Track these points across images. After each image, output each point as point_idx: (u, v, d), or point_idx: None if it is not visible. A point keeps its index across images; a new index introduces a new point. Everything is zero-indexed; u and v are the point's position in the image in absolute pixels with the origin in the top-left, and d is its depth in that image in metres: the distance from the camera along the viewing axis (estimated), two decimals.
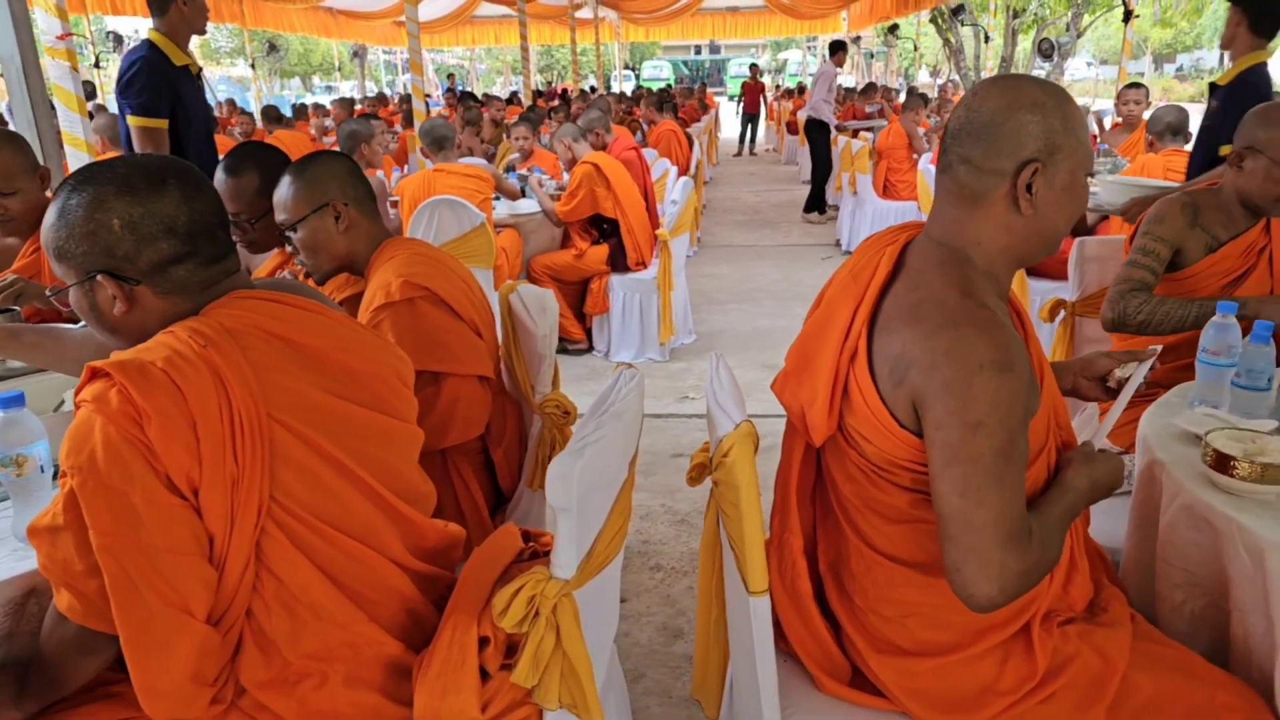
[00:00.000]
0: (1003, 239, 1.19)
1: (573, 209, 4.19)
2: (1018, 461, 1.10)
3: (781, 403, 1.35)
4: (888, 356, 1.16)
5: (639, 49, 33.73)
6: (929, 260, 1.21)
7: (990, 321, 1.11)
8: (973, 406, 1.07)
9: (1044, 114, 1.15)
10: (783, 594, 1.37)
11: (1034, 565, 1.11)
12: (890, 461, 1.20)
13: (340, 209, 1.79)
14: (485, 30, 18.01)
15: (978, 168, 1.17)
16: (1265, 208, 2.03)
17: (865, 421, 1.20)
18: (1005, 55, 13.63)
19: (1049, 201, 1.17)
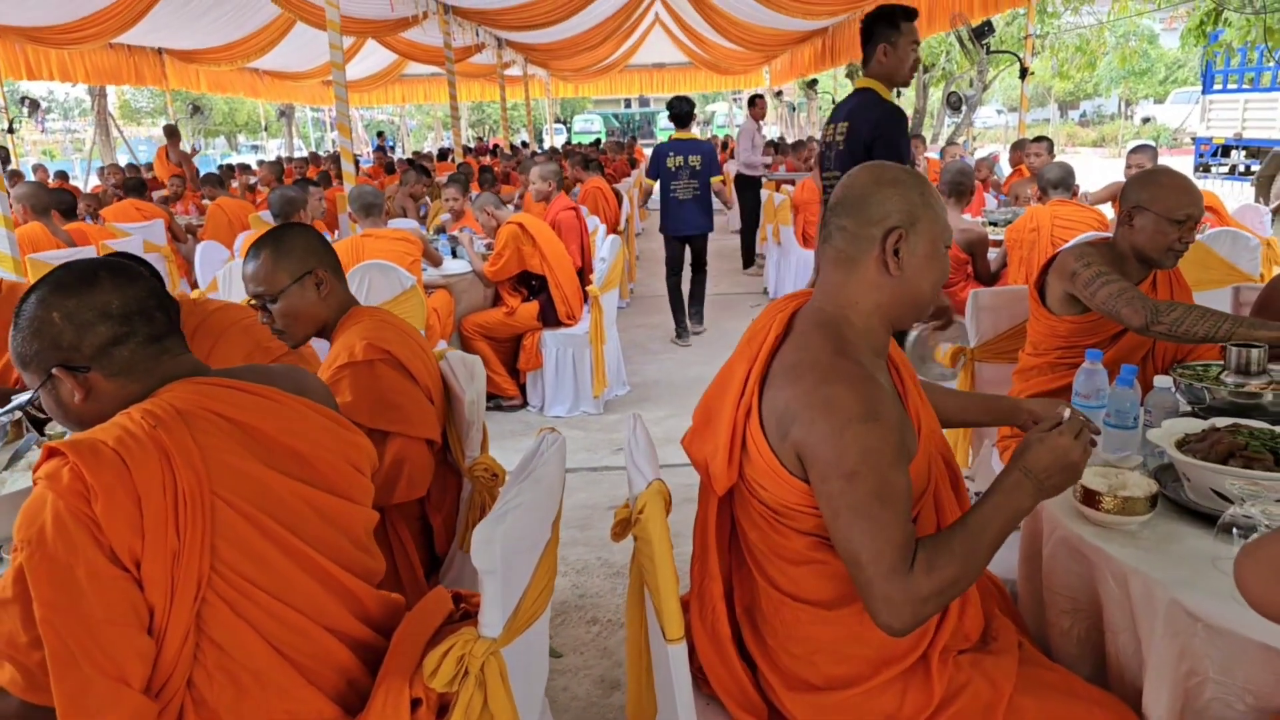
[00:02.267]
0: (875, 299, 1.35)
1: (500, 268, 4.29)
2: (894, 500, 1.22)
3: (689, 456, 1.47)
4: (774, 411, 1.30)
5: (570, 103, 34.35)
6: (811, 323, 1.37)
7: (859, 377, 1.26)
8: (846, 457, 1.21)
9: (905, 190, 1.34)
10: (704, 638, 1.46)
11: (936, 587, 1.19)
12: (786, 507, 1.32)
13: (322, 276, 1.89)
14: (415, 88, 18.15)
15: (852, 235, 1.35)
16: (1157, 259, 2.19)
17: (761, 472, 1.32)
18: (919, 107, 14.32)
19: (913, 266, 1.34)
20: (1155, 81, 27.58)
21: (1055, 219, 4.04)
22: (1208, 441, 1.56)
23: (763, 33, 12.42)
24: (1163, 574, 1.34)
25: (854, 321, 1.36)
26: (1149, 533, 1.48)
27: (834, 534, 1.24)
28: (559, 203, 4.81)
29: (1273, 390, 1.75)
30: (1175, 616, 1.30)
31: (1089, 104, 34.50)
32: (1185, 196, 2.12)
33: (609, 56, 14.99)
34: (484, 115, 33.75)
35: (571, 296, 4.40)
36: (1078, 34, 14.34)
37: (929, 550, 1.22)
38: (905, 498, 1.24)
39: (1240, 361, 1.82)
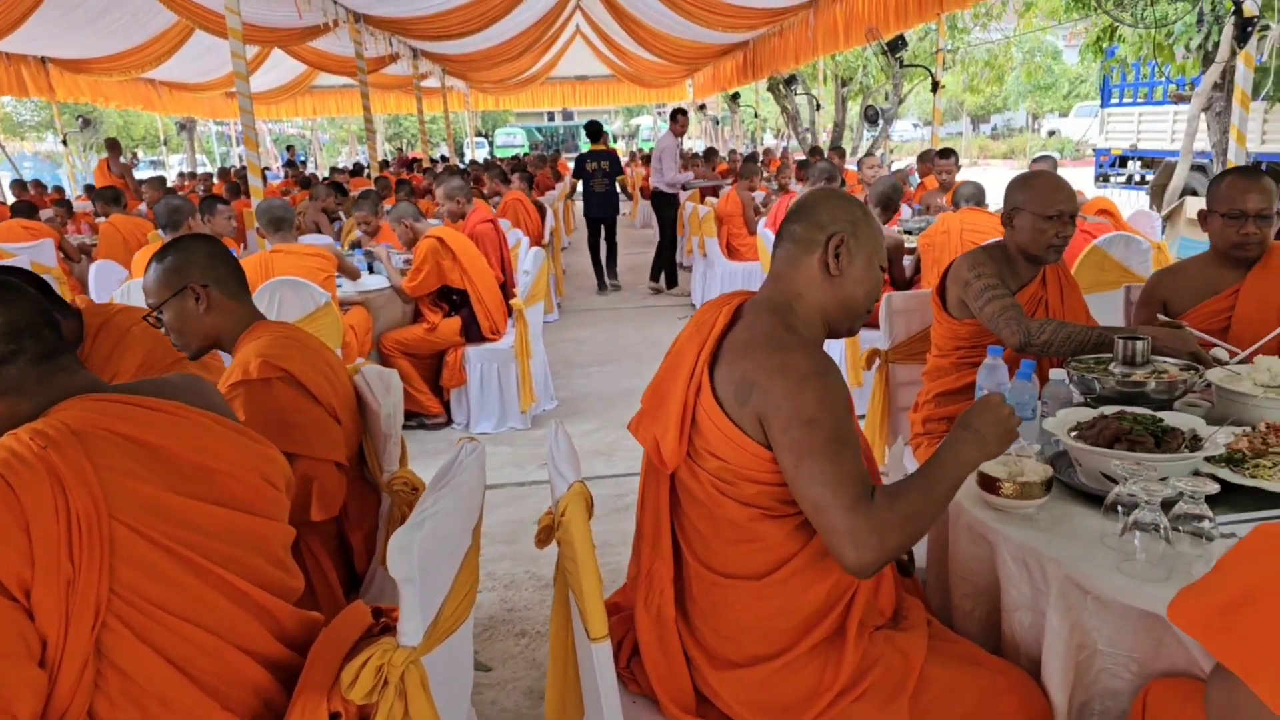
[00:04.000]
0: (816, 296, 1.52)
1: (419, 283, 4.23)
2: (850, 443, 1.34)
3: (637, 439, 1.54)
4: (731, 382, 1.40)
5: (492, 116, 34.14)
6: (760, 309, 1.50)
7: (810, 344, 1.44)
8: (806, 406, 1.33)
9: (849, 206, 1.55)
10: (647, 621, 1.51)
11: (899, 516, 1.28)
12: (736, 474, 1.40)
13: (199, 291, 1.84)
14: (326, 100, 17.67)
15: (800, 236, 1.53)
16: (1041, 255, 2.32)
17: (715, 440, 1.41)
18: (838, 120, 14.73)
19: (851, 272, 1.51)
20: (1060, 96, 29.00)
21: (965, 225, 4.22)
22: (1096, 428, 1.66)
23: (684, 45, 12.62)
24: (1056, 552, 1.42)
25: (798, 312, 1.51)
26: (1045, 515, 1.57)
27: (796, 483, 1.32)
28: (476, 215, 4.78)
29: (1154, 379, 1.87)
30: (1068, 591, 1.39)
31: (999, 118, 36.03)
32: (1057, 194, 2.26)
33: (530, 68, 14.98)
34: (401, 128, 33.23)
35: (495, 311, 4.37)
36: (986, 49, 14.97)
37: (889, 488, 1.34)
38: (857, 443, 1.37)
39: (1127, 353, 1.94)
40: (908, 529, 1.30)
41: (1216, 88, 7.99)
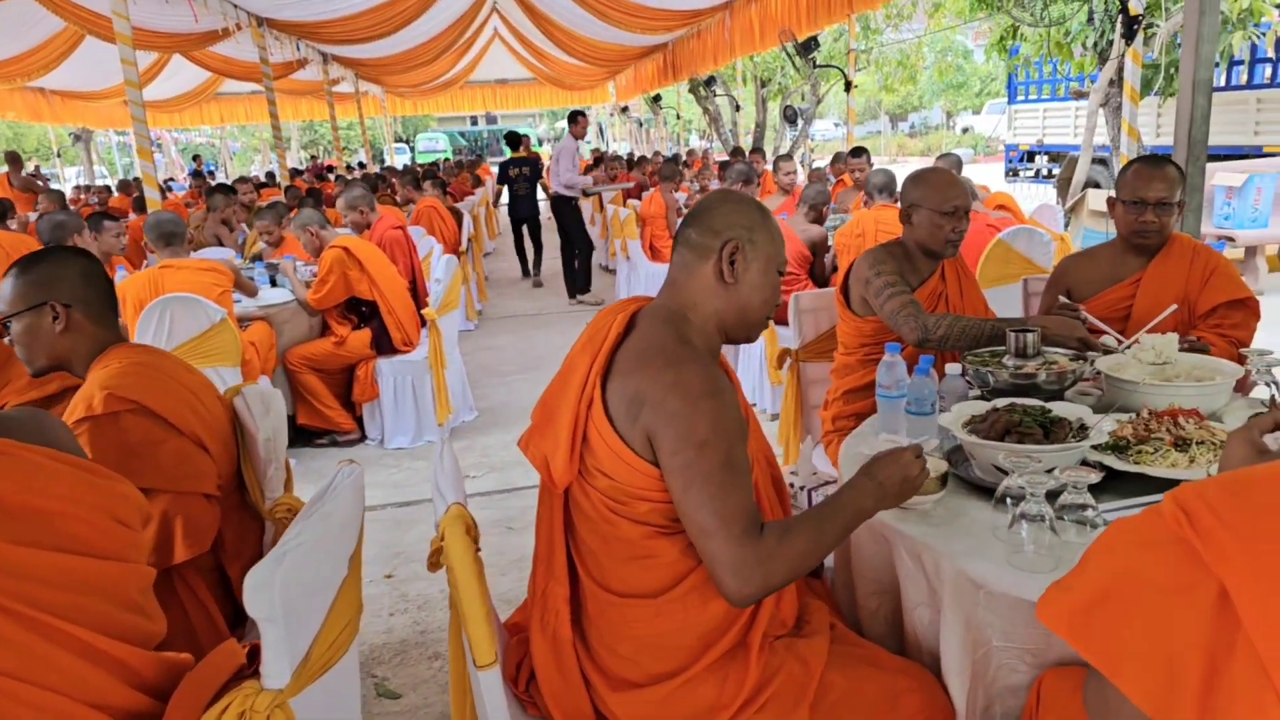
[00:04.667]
0: (712, 304, 1.47)
1: (325, 295, 4.07)
2: (741, 470, 1.31)
3: (527, 457, 1.47)
4: (623, 397, 1.35)
5: (413, 121, 33.52)
6: (655, 319, 1.45)
7: (703, 359, 1.38)
8: (698, 428, 1.29)
9: (747, 210, 1.49)
10: (544, 645, 1.45)
11: (786, 553, 1.26)
12: (627, 493, 1.35)
13: (59, 310, 1.72)
14: (234, 107, 16.97)
15: (696, 242, 1.47)
16: (939, 250, 2.35)
17: (605, 459, 1.35)
18: (759, 121, 14.88)
19: (747, 280, 1.47)
20: (972, 94, 29.94)
21: (878, 223, 4.27)
22: (988, 421, 1.67)
23: (603, 48, 12.58)
24: (949, 547, 1.42)
25: (693, 321, 1.46)
26: (941, 510, 1.56)
27: (684, 506, 1.30)
28: (384, 221, 4.64)
29: (1045, 370, 1.89)
30: (961, 585, 1.38)
31: (916, 116, 37.04)
32: (951, 190, 2.29)
33: (447, 72, 14.74)
34: (317, 135, 32.32)
35: (407, 322, 4.24)
36: (899, 49, 15.34)
37: (781, 523, 1.31)
38: (748, 470, 1.34)
39: (1018, 346, 1.96)
40: (793, 567, 1.28)
41: (1112, 84, 8.32)
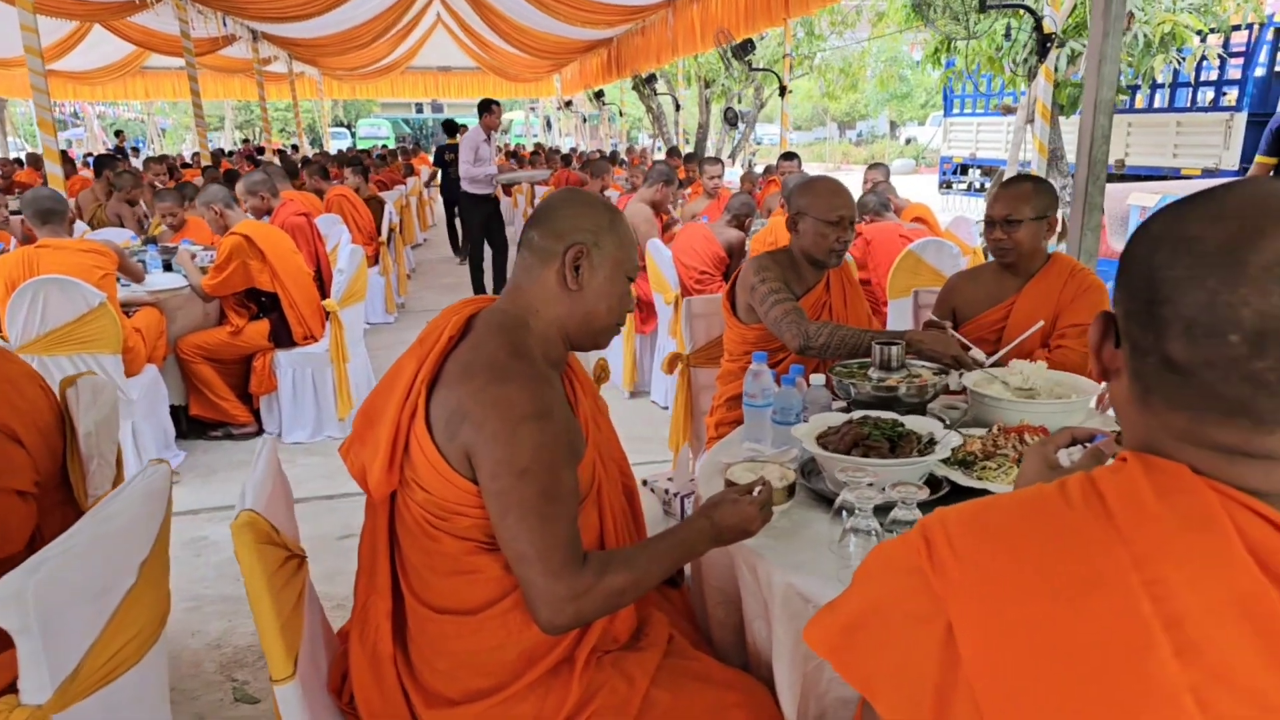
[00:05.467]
0: (555, 310, 1.40)
1: (221, 282, 3.90)
2: (562, 498, 1.26)
3: (346, 465, 1.40)
4: (444, 410, 1.28)
5: (355, 106, 32.77)
6: (491, 325, 1.37)
7: (534, 376, 1.30)
8: (519, 454, 1.22)
9: (593, 213, 1.41)
10: (363, 658, 1.39)
11: (603, 589, 1.23)
12: (445, 508, 1.30)
13: None
14: (161, 82, 16.22)
15: (538, 246, 1.40)
16: (824, 259, 2.34)
17: (424, 471, 1.29)
18: (701, 122, 14.92)
19: (593, 286, 1.40)
20: (917, 105, 30.52)
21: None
22: (840, 433, 1.65)
23: (546, 39, 12.44)
24: (784, 559, 1.40)
25: (533, 328, 1.39)
26: (785, 521, 1.55)
27: (501, 533, 1.25)
28: (288, 207, 4.48)
29: (906, 384, 1.90)
30: (790, 599, 1.36)
31: (864, 125, 37.59)
32: (837, 199, 2.28)
33: (386, 56, 14.41)
34: (253, 115, 31.36)
35: (309, 315, 4.09)
36: (841, 57, 15.52)
37: (605, 557, 1.27)
38: (573, 497, 1.29)
39: (883, 358, 1.96)
40: (608, 603, 1.26)
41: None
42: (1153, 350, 0.70)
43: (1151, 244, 0.71)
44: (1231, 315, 0.64)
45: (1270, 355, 0.64)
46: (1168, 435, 0.72)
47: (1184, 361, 0.68)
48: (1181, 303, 0.67)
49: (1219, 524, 0.65)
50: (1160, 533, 0.66)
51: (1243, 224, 0.65)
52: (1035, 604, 0.67)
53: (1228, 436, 0.68)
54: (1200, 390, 0.68)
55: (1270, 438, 0.67)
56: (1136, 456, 0.72)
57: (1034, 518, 0.72)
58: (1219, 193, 0.70)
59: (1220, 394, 0.67)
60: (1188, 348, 0.67)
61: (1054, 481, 0.76)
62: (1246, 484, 0.68)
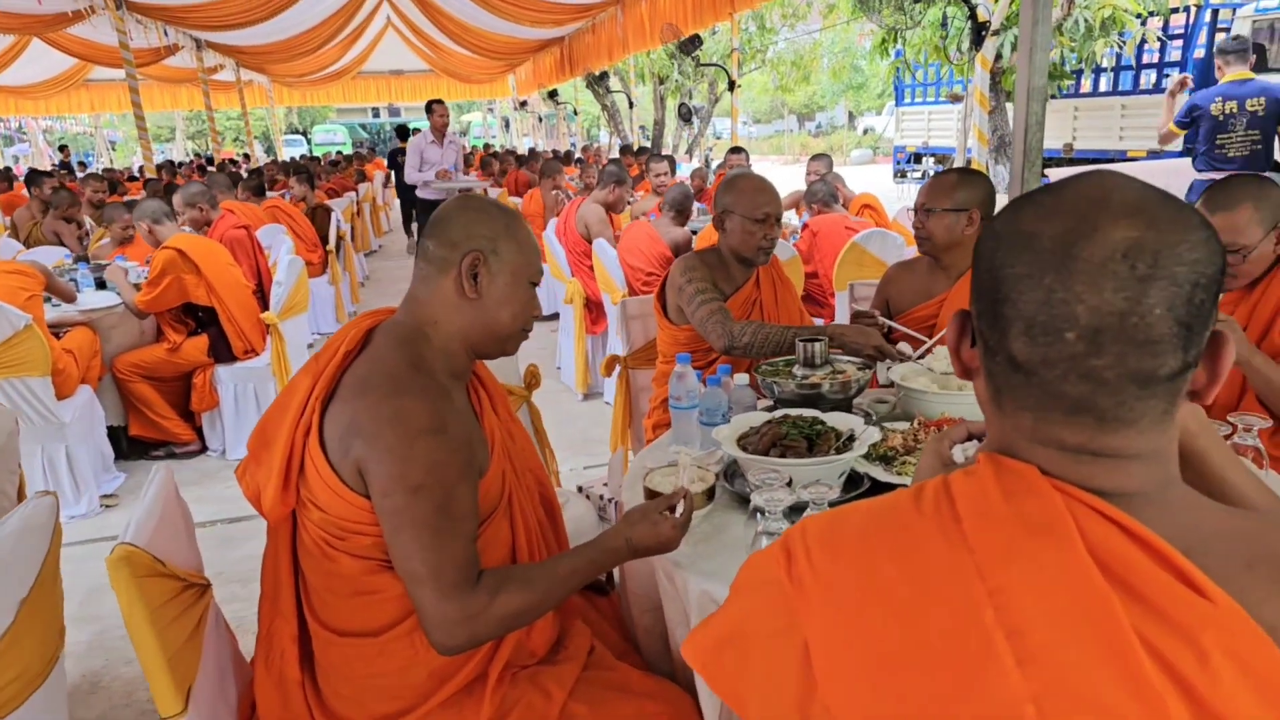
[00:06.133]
0: (455, 321, 1.35)
1: (155, 298, 3.80)
2: (458, 516, 1.22)
3: (241, 488, 1.36)
4: (338, 425, 1.24)
5: (311, 113, 32.28)
6: (390, 337, 1.34)
7: (431, 390, 1.26)
8: (412, 471, 1.18)
9: (489, 219, 1.37)
10: (269, 684, 1.36)
11: (498, 612, 1.20)
12: (343, 528, 1.26)
13: None
14: (106, 95, 15.88)
15: (434, 255, 1.36)
16: (751, 257, 2.34)
17: (319, 490, 1.25)
18: (657, 119, 14.89)
19: (492, 294, 1.36)
20: (874, 95, 30.73)
21: None
22: (759, 434, 1.64)
23: (496, 39, 12.35)
24: (700, 566, 1.38)
25: (432, 340, 1.35)
26: (706, 525, 1.53)
27: (394, 551, 1.22)
28: (227, 220, 4.39)
29: (830, 380, 1.89)
30: (706, 606, 1.34)
31: (823, 116, 37.79)
32: (761, 196, 2.27)
33: (336, 61, 14.22)
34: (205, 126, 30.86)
35: (249, 329, 4.00)
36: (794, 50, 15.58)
37: (502, 576, 1.23)
38: (470, 515, 1.25)
39: (806, 355, 1.95)
40: (504, 625, 1.23)
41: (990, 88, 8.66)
42: (1000, 349, 0.69)
43: (994, 241, 0.70)
44: (1067, 312, 0.63)
45: (1107, 352, 0.63)
46: (1019, 435, 0.71)
47: (1025, 360, 0.67)
48: (1021, 301, 0.66)
49: (1063, 527, 0.64)
50: (1005, 538, 0.65)
51: (1077, 219, 0.64)
52: (883, 617, 0.66)
53: (1073, 436, 0.67)
54: (1043, 389, 0.67)
55: (1114, 436, 0.66)
56: (989, 458, 0.72)
57: (884, 527, 0.71)
58: (1058, 187, 0.69)
59: (1062, 393, 0.66)
60: (1028, 346, 0.66)
61: (914, 485, 0.75)
62: (1093, 484, 0.67)
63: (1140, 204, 0.65)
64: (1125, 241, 0.62)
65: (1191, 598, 0.60)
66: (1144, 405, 0.65)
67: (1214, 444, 0.94)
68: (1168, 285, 0.62)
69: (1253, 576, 0.62)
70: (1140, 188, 0.66)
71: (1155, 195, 0.66)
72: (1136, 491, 0.67)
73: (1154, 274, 0.62)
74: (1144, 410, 0.65)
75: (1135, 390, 0.64)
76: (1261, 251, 1.97)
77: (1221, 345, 0.67)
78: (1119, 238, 0.63)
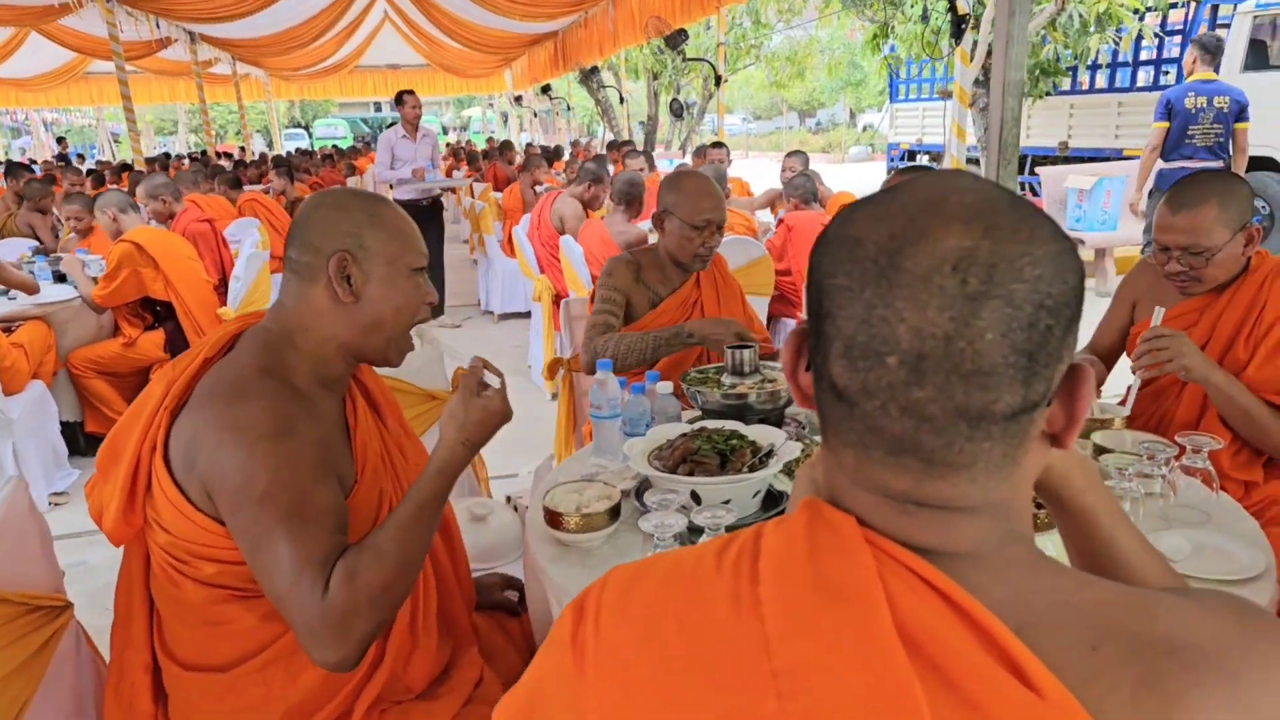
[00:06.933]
0: (329, 328, 1.26)
1: (112, 292, 3.74)
2: (315, 516, 1.11)
3: (88, 506, 1.27)
4: (182, 439, 1.16)
5: (313, 106, 32.23)
6: (251, 342, 1.25)
7: (279, 394, 1.17)
8: (256, 480, 1.09)
9: (348, 213, 1.26)
10: (118, 715, 1.27)
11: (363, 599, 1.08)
12: (189, 551, 1.17)
13: None
14: (105, 87, 15.73)
15: (298, 261, 1.26)
16: (686, 263, 2.26)
17: (164, 510, 1.17)
18: (651, 114, 14.80)
19: (369, 293, 1.25)
20: (874, 91, 30.52)
21: None
22: (671, 447, 1.56)
23: (488, 34, 12.25)
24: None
25: (300, 346, 1.26)
26: (609, 547, 1.45)
27: (257, 575, 1.11)
28: (189, 214, 4.32)
29: (758, 390, 1.81)
30: None
31: (824, 113, 37.57)
32: (704, 202, 2.18)
33: (332, 55, 14.12)
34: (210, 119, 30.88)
35: (208, 325, 3.93)
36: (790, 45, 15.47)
37: (350, 559, 1.10)
38: (331, 511, 1.14)
39: (734, 362, 1.87)
40: (381, 606, 1.09)
41: (978, 83, 8.52)
42: (824, 374, 0.59)
43: (823, 247, 0.60)
44: (887, 333, 0.54)
45: (929, 382, 0.53)
46: (844, 477, 0.61)
47: (845, 388, 0.57)
48: (841, 317, 0.56)
49: (868, 594, 0.54)
50: (803, 606, 0.55)
51: (906, 223, 0.55)
52: (661, 700, 0.57)
53: (897, 480, 0.57)
54: (864, 423, 0.57)
55: (943, 483, 0.56)
56: (808, 504, 0.61)
57: (679, 583, 0.61)
58: (901, 186, 0.58)
59: (882, 428, 0.56)
60: (848, 371, 0.56)
61: (727, 535, 0.66)
62: (916, 540, 0.57)
63: (981, 208, 0.55)
64: (956, 251, 0.53)
65: (1014, 689, 0.50)
66: (976, 448, 0.55)
67: (1103, 502, 0.82)
68: (1002, 305, 0.52)
69: (1097, 661, 0.51)
70: (987, 190, 0.56)
71: (1003, 199, 0.56)
72: (967, 552, 0.57)
73: (987, 291, 0.52)
74: (977, 454, 0.55)
75: (965, 429, 0.54)
76: (1228, 254, 1.81)
77: (1081, 382, 0.57)
78: (949, 246, 0.53)
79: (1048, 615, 0.54)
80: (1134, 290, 2.12)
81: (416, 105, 5.98)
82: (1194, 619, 0.54)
